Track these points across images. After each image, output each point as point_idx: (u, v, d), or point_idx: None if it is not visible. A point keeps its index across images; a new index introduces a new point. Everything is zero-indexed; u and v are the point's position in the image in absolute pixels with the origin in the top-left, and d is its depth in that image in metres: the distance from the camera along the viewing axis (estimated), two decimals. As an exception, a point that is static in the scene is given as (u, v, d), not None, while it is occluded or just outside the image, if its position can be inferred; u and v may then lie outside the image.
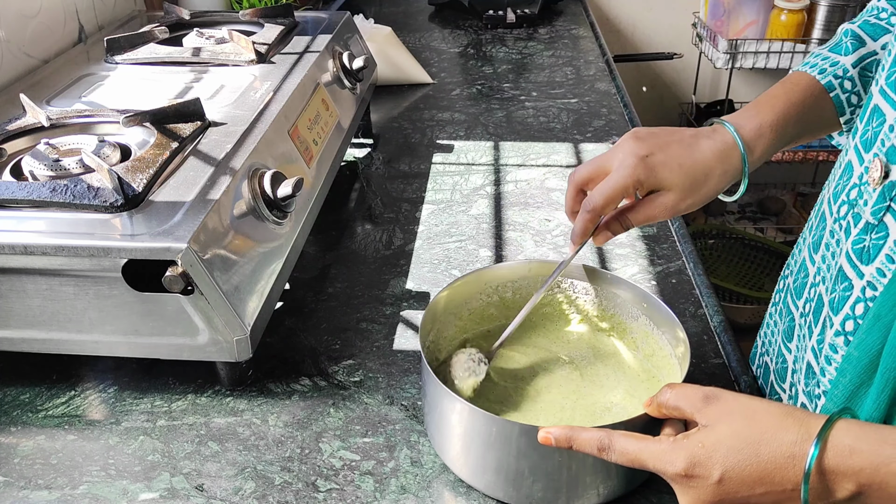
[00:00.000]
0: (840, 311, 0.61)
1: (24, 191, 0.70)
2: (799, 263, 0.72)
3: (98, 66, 1.04)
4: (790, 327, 0.71)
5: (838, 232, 0.64)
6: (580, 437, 0.56)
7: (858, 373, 0.57)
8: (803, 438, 0.49)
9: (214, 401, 0.75)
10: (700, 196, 0.67)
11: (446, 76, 1.57)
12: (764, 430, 0.50)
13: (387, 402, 0.75)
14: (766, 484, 0.50)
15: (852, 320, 0.60)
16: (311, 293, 0.91)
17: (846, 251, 0.61)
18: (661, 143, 0.66)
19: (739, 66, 2.12)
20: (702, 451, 0.51)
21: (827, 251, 0.65)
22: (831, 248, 0.65)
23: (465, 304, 0.76)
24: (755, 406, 0.52)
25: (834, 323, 0.62)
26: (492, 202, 1.09)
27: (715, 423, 0.52)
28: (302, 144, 0.91)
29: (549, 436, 0.56)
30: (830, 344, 0.62)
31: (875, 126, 0.61)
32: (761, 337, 0.81)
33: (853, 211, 0.62)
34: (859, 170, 0.62)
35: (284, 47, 1.10)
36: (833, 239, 0.65)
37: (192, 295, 0.67)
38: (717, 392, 0.54)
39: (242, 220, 0.74)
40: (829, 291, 0.64)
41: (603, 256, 0.96)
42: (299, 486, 0.66)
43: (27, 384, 0.77)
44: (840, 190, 0.65)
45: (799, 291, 0.70)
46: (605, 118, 1.36)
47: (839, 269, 0.62)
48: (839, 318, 0.62)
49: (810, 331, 0.66)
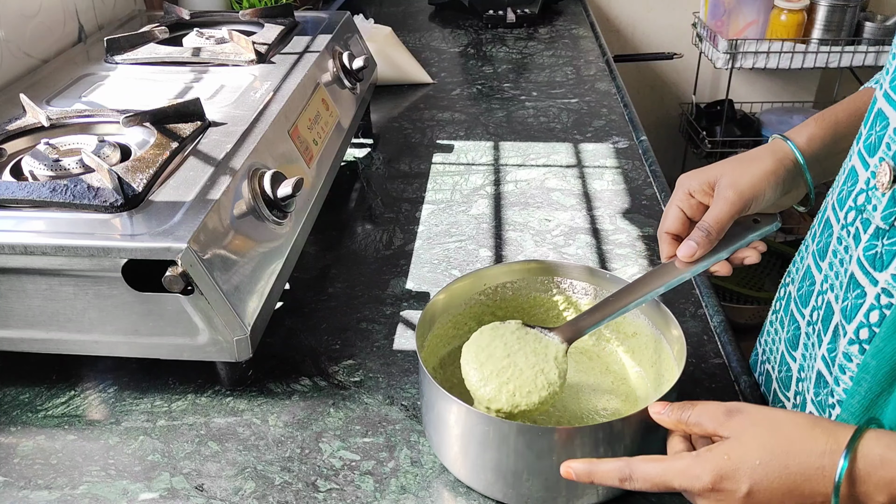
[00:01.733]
0: (853, 320, 0.60)
1: (24, 191, 0.70)
2: (803, 271, 0.71)
3: (98, 66, 1.05)
4: (795, 335, 0.70)
5: (846, 238, 0.62)
6: (599, 469, 0.56)
7: (878, 381, 0.55)
8: (833, 449, 0.48)
9: (214, 401, 0.75)
10: (755, 170, 0.67)
11: (446, 76, 1.57)
12: (792, 441, 0.50)
13: (387, 402, 0.75)
14: (796, 496, 0.49)
15: (867, 328, 0.58)
16: (311, 293, 0.91)
17: (857, 258, 0.60)
18: None
19: (739, 66, 2.12)
20: (728, 464, 0.50)
21: (835, 258, 0.64)
22: (839, 255, 0.63)
23: (465, 305, 0.76)
24: (780, 417, 0.52)
25: (847, 331, 0.60)
26: (492, 202, 1.09)
27: (740, 434, 0.51)
28: (302, 144, 0.91)
29: (571, 471, 0.57)
30: (844, 353, 0.61)
31: (879, 130, 0.60)
32: (761, 344, 0.80)
33: (861, 216, 0.60)
34: (865, 175, 0.61)
35: (284, 47, 1.10)
36: (841, 245, 0.63)
37: (192, 295, 0.67)
38: (740, 405, 0.54)
39: (242, 220, 0.74)
40: (840, 299, 0.62)
41: (603, 256, 0.96)
42: (299, 486, 0.66)
43: (27, 384, 0.77)
44: (845, 196, 0.64)
45: (804, 299, 0.69)
46: (605, 118, 1.36)
47: (850, 277, 0.61)
48: (852, 326, 0.60)
49: (819, 339, 0.65)
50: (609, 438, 0.60)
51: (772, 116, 2.32)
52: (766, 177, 0.67)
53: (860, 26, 2.09)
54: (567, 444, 0.59)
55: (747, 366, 0.78)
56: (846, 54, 2.09)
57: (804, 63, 2.11)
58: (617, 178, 1.15)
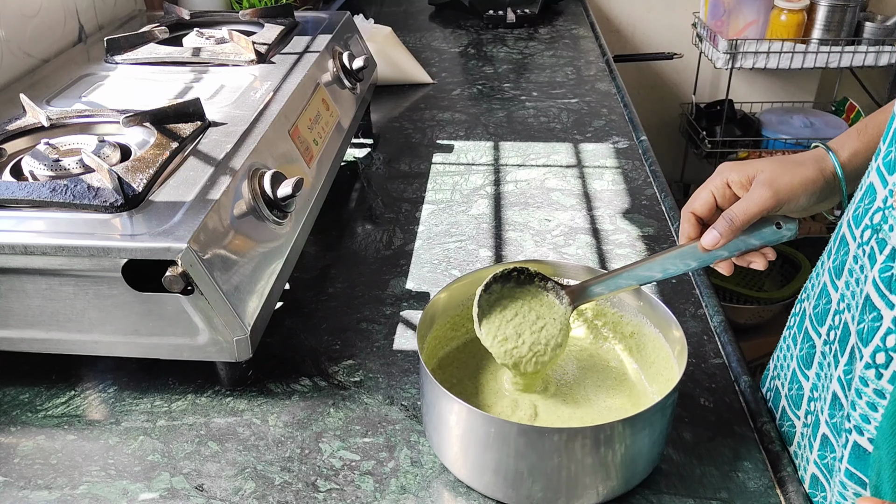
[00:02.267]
0: (870, 343, 0.58)
1: (24, 191, 0.70)
2: (819, 288, 0.69)
3: (98, 66, 1.05)
4: (809, 354, 0.68)
5: (862, 258, 0.60)
6: None
7: None
8: None
9: (214, 401, 0.75)
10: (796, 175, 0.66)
11: (447, 76, 1.57)
12: None
13: (387, 402, 0.75)
14: None
15: (884, 353, 0.57)
16: (311, 293, 0.91)
17: (872, 279, 0.58)
18: None
19: (739, 66, 2.12)
20: None
21: (851, 277, 0.62)
22: (855, 275, 0.61)
23: (465, 305, 0.76)
24: None
25: (864, 355, 0.59)
26: (492, 202, 1.09)
27: None
28: (302, 144, 0.91)
29: None
30: (861, 377, 0.59)
31: None
32: (774, 360, 0.78)
33: (877, 236, 0.59)
34: (883, 193, 0.59)
35: (284, 47, 1.10)
36: (857, 265, 0.61)
37: (192, 295, 0.67)
38: None
39: (242, 220, 0.74)
40: (857, 321, 0.60)
41: (603, 256, 0.96)
42: (299, 486, 0.66)
43: (27, 384, 0.77)
44: (862, 214, 0.62)
45: (820, 318, 0.67)
46: (605, 118, 1.36)
47: (866, 298, 0.59)
48: (869, 349, 0.58)
49: (836, 360, 0.63)
50: (609, 439, 0.60)
51: (772, 116, 2.32)
52: (804, 184, 0.66)
53: (860, 26, 2.09)
54: (568, 445, 0.59)
55: (747, 365, 0.78)
56: (846, 54, 2.09)
57: (804, 63, 2.11)
58: (617, 178, 1.15)
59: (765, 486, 0.65)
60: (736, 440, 0.70)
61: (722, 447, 0.69)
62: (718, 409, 0.73)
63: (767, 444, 0.69)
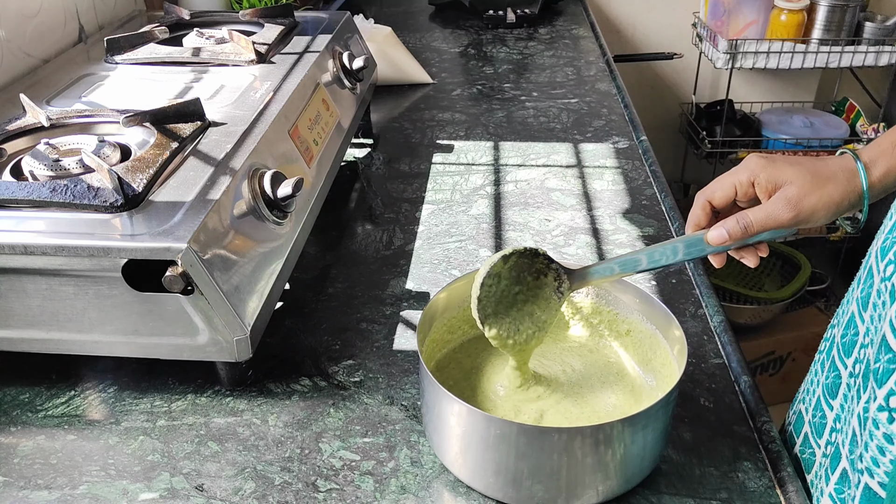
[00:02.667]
0: (884, 385, 0.56)
1: (24, 191, 0.70)
2: (847, 317, 0.66)
3: (98, 66, 1.05)
4: (835, 383, 0.66)
5: (884, 293, 0.58)
6: None
7: None
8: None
9: (214, 401, 0.75)
10: (823, 196, 0.63)
11: (447, 76, 1.57)
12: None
13: (387, 402, 0.75)
14: None
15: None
16: (311, 293, 0.91)
17: (890, 319, 0.56)
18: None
19: (739, 66, 2.12)
20: None
21: (875, 311, 0.60)
22: (878, 310, 0.59)
23: (465, 305, 0.76)
24: None
25: (877, 396, 0.56)
26: (492, 202, 1.09)
27: None
28: (302, 144, 0.91)
29: None
30: (874, 419, 0.57)
31: None
32: (804, 383, 0.75)
33: None
34: None
35: (284, 47, 1.10)
36: (880, 300, 0.59)
37: (192, 295, 0.67)
38: None
39: (242, 220, 0.74)
40: (874, 360, 0.58)
41: (603, 256, 0.96)
42: (299, 487, 0.66)
43: (27, 384, 0.77)
44: (888, 246, 0.59)
45: (847, 348, 0.65)
46: (605, 118, 1.36)
47: (882, 338, 0.56)
48: (883, 391, 0.56)
49: (858, 395, 0.61)
50: (609, 438, 0.60)
51: (772, 116, 2.32)
52: (829, 206, 0.64)
53: (860, 26, 2.09)
54: (567, 444, 0.59)
55: (747, 366, 0.78)
56: (846, 54, 2.09)
57: (804, 63, 2.11)
58: (617, 178, 1.15)
59: (765, 486, 0.65)
60: (736, 440, 0.70)
61: (722, 447, 0.69)
62: (718, 409, 0.73)
63: (767, 444, 0.69)
